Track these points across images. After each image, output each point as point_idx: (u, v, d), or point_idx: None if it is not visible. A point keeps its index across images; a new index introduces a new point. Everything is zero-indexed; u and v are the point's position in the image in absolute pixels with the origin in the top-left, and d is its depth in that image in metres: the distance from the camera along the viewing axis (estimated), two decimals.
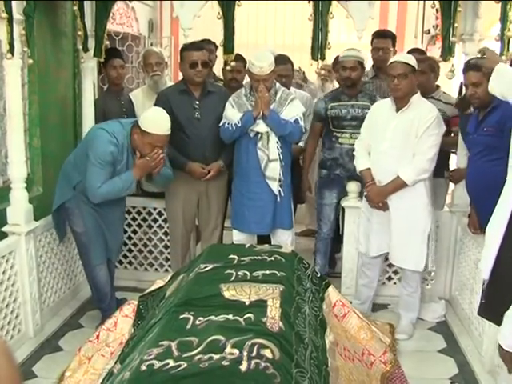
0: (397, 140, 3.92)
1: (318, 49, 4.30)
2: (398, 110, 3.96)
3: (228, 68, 4.55)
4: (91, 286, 4.20)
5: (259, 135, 4.18)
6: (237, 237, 4.44)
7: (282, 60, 4.78)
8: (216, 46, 4.66)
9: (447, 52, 4.25)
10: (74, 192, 3.92)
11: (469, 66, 3.80)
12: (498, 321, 2.58)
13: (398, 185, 3.93)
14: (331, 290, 3.56)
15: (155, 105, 4.35)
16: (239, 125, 4.14)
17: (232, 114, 4.20)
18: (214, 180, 4.41)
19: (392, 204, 4.02)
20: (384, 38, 5.18)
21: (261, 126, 4.16)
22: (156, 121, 3.83)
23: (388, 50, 5.02)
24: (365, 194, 4.17)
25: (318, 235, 4.89)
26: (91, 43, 4.48)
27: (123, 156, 3.83)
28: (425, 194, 3.99)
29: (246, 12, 7.37)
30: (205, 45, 4.59)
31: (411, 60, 3.93)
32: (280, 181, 4.22)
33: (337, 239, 4.88)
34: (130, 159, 3.87)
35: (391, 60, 4.03)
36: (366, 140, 4.13)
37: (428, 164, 3.89)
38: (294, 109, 4.22)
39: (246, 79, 4.69)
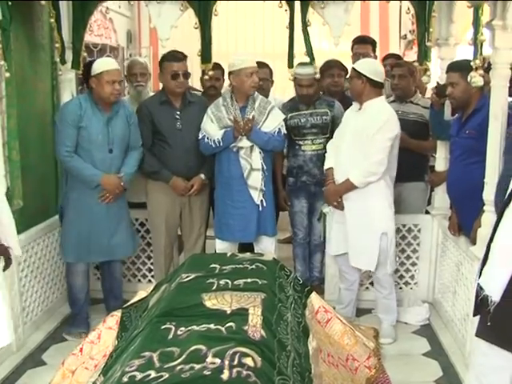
0: (352, 141, 4.00)
1: (294, 57, 4.34)
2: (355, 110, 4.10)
3: (209, 74, 4.56)
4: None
5: (243, 142, 4.20)
6: (219, 246, 4.44)
7: (259, 64, 4.78)
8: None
9: (423, 56, 4.31)
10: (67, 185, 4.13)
11: (448, 67, 3.92)
12: (507, 345, 2.54)
13: (349, 186, 4.00)
14: (314, 296, 3.57)
15: (137, 114, 4.36)
16: (221, 144, 4.18)
17: (211, 130, 4.22)
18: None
19: (347, 204, 4.08)
20: (364, 44, 5.23)
21: (243, 142, 4.19)
22: (102, 61, 4.14)
23: (368, 56, 5.06)
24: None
25: (294, 241, 4.91)
26: (69, 55, 4.47)
27: (88, 122, 4.00)
28: (381, 196, 4.01)
29: (224, 21, 7.43)
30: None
31: (360, 66, 4.00)
32: (262, 190, 4.24)
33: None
34: (97, 126, 4.02)
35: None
36: (335, 141, 4.22)
37: (375, 167, 3.92)
38: (274, 119, 4.26)
39: (225, 88, 4.72)
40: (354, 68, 4.05)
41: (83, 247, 4.14)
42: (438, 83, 4.28)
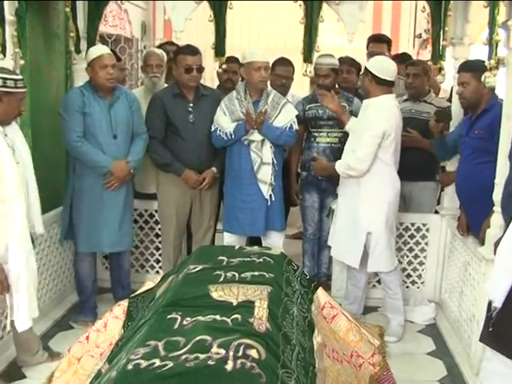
0: (350, 137, 4.14)
1: (309, 51, 4.35)
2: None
3: (223, 68, 4.57)
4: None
5: (254, 135, 4.21)
6: (228, 239, 4.46)
7: (283, 61, 4.84)
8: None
9: (438, 56, 4.30)
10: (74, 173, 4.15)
11: (460, 66, 3.90)
12: (506, 352, 2.56)
13: (333, 169, 4.10)
14: (320, 291, 3.57)
15: (149, 107, 4.39)
16: (232, 137, 4.20)
17: (224, 122, 4.24)
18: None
19: (340, 199, 4.18)
20: (379, 43, 5.22)
21: (255, 135, 4.21)
22: (93, 49, 4.18)
23: (383, 55, 5.05)
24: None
25: (304, 237, 4.93)
26: (83, 45, 4.51)
27: (91, 108, 4.05)
28: (371, 196, 4.01)
29: (238, 15, 7.44)
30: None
31: (369, 63, 4.04)
32: (271, 185, 4.25)
33: None
34: (100, 112, 4.07)
35: None
36: None
37: (355, 162, 3.95)
38: (287, 114, 4.27)
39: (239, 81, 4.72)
40: (365, 66, 4.08)
41: (95, 237, 4.17)
42: (437, 109, 4.31)
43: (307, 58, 4.42)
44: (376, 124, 3.92)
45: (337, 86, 4.72)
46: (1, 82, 3.11)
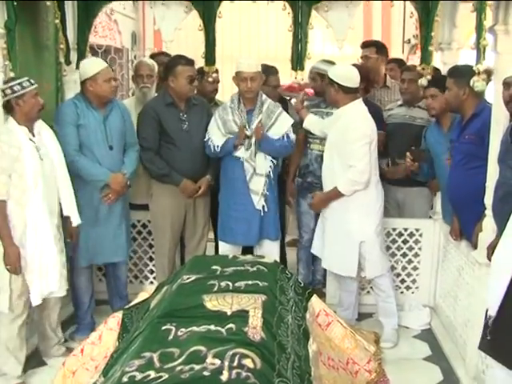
0: (330, 149, 4.13)
1: (298, 59, 4.36)
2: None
3: (210, 80, 4.60)
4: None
5: (247, 147, 4.21)
6: (222, 248, 4.45)
7: (270, 70, 4.80)
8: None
9: (425, 60, 4.32)
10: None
11: (447, 72, 3.97)
12: (504, 360, 2.57)
13: (337, 194, 4.06)
14: (314, 299, 3.58)
15: (141, 116, 4.38)
16: (218, 150, 4.24)
17: (214, 134, 4.27)
18: None
19: (328, 211, 4.17)
20: (367, 47, 5.24)
21: (241, 152, 4.22)
22: (92, 62, 4.21)
23: (368, 58, 5.08)
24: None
25: (299, 244, 4.94)
26: (74, 56, 4.53)
27: (86, 120, 4.04)
28: (360, 205, 4.04)
29: (228, 24, 7.44)
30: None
31: (332, 73, 4.08)
32: (264, 195, 4.25)
33: None
34: (95, 124, 4.06)
35: None
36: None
37: (359, 176, 3.97)
38: (283, 123, 4.27)
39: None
40: (327, 75, 4.12)
41: (93, 249, 4.16)
42: (412, 148, 4.35)
43: (296, 66, 4.43)
44: (360, 132, 3.96)
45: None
46: (9, 91, 3.50)
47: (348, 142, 3.94)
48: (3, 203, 3.45)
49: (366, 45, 5.30)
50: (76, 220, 3.83)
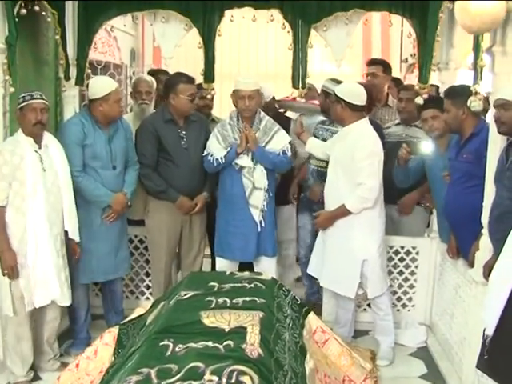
0: (335, 166, 4.11)
1: (298, 77, 4.39)
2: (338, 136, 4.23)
3: (209, 97, 4.66)
4: None
5: (246, 161, 4.23)
6: (220, 264, 4.45)
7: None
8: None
9: (423, 79, 4.36)
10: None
11: (444, 93, 3.97)
12: (500, 379, 2.57)
13: (344, 212, 4.03)
14: (311, 316, 3.57)
15: (140, 132, 4.38)
16: (223, 161, 4.22)
17: (215, 148, 4.26)
18: None
19: (329, 229, 4.14)
20: (374, 65, 5.25)
21: (244, 161, 4.23)
22: (103, 82, 4.21)
23: (376, 75, 5.09)
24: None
25: (299, 259, 4.99)
26: (73, 72, 4.55)
27: (92, 140, 4.04)
28: (363, 223, 4.02)
29: (228, 41, 7.49)
30: None
31: (338, 90, 4.08)
32: (262, 210, 4.26)
33: None
34: (100, 144, 4.07)
35: None
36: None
37: (368, 193, 3.95)
38: (280, 140, 4.29)
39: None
40: (334, 93, 4.13)
41: (94, 267, 4.16)
42: (405, 143, 4.37)
43: (297, 84, 4.46)
44: (369, 150, 3.96)
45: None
46: (21, 99, 3.61)
47: (356, 159, 3.93)
48: (1, 209, 3.52)
49: (372, 62, 5.31)
50: (74, 235, 3.85)
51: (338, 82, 4.49)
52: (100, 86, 4.09)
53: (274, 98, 4.91)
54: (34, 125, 3.61)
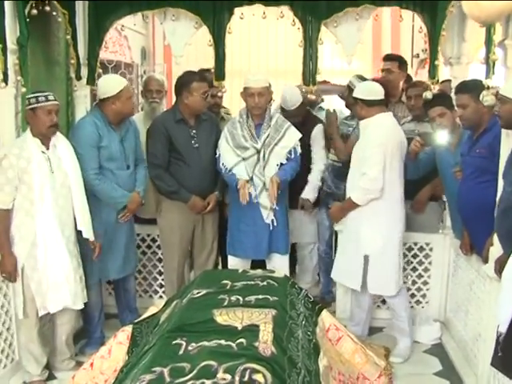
0: (353, 161, 4.13)
1: (309, 74, 4.37)
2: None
3: (219, 94, 4.66)
4: None
5: (256, 159, 4.21)
6: (232, 262, 4.46)
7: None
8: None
9: (433, 74, 4.32)
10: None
11: (457, 88, 3.88)
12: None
13: (351, 204, 4.05)
14: (325, 313, 3.56)
15: (151, 132, 4.37)
16: (228, 172, 4.25)
17: (224, 150, 4.27)
18: None
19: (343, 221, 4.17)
20: (389, 61, 5.21)
21: (244, 173, 4.23)
22: (114, 80, 4.20)
23: (391, 71, 5.05)
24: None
25: (318, 254, 5.02)
26: (84, 71, 4.56)
27: (107, 141, 4.04)
28: (372, 218, 4.00)
29: (238, 39, 7.49)
30: None
31: (355, 92, 4.09)
32: (273, 209, 4.24)
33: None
34: (115, 144, 4.08)
35: None
36: None
37: (369, 183, 3.93)
38: (291, 137, 4.29)
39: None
40: (352, 96, 4.15)
41: (105, 265, 4.17)
42: (419, 135, 4.35)
43: (308, 81, 4.44)
44: (375, 139, 3.94)
45: None
46: (27, 101, 3.59)
47: (364, 149, 3.96)
48: (6, 212, 3.53)
49: (388, 58, 5.28)
50: (88, 235, 3.83)
51: (364, 79, 4.48)
52: (111, 84, 4.09)
53: (302, 102, 4.79)
54: (48, 127, 3.60)
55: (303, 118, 4.76)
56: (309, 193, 4.75)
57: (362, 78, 4.54)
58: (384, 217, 4.03)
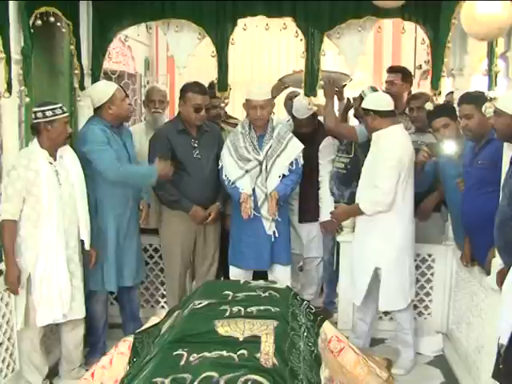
0: (364, 172, 4.11)
1: (312, 85, 4.38)
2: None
3: (222, 105, 4.67)
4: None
5: (259, 170, 4.21)
6: (234, 272, 4.44)
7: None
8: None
9: (436, 85, 4.33)
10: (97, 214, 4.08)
11: (461, 99, 3.88)
12: None
13: (356, 210, 4.05)
14: (327, 325, 3.55)
15: (153, 142, 4.38)
16: (231, 185, 4.24)
17: (227, 163, 4.26)
18: None
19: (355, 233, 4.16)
20: (393, 72, 5.22)
21: (254, 168, 4.22)
22: (105, 85, 4.24)
23: (393, 84, 5.06)
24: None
25: (323, 263, 4.99)
26: (88, 81, 4.57)
27: (115, 146, 4.06)
28: (381, 230, 3.98)
29: (241, 50, 7.51)
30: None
31: (365, 104, 4.05)
32: (275, 220, 4.23)
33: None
34: (120, 148, 4.12)
35: None
36: None
37: (380, 196, 3.92)
38: (293, 149, 4.28)
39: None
40: (363, 108, 4.09)
41: (119, 273, 4.18)
42: (426, 145, 4.32)
43: (309, 92, 4.44)
44: (391, 153, 3.92)
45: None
46: (41, 114, 3.60)
47: (378, 161, 3.93)
48: (13, 223, 3.53)
49: (392, 70, 5.28)
50: (87, 245, 3.85)
51: (375, 90, 4.46)
52: (102, 89, 4.14)
53: (314, 113, 4.77)
54: (66, 138, 3.69)
55: (314, 128, 4.76)
56: (326, 212, 4.62)
57: (375, 89, 4.53)
58: (398, 229, 4.00)
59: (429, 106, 4.28)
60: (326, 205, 4.69)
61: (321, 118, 4.79)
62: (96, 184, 4.03)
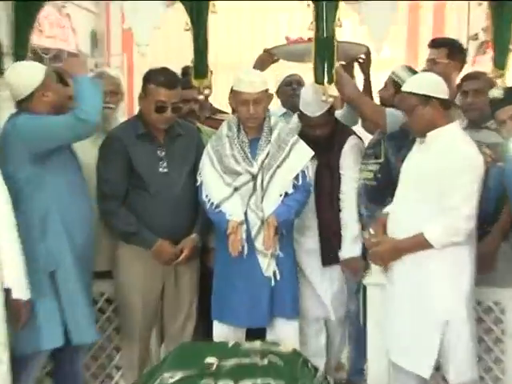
0: (412, 186, 4.03)
1: (323, 68, 4.37)
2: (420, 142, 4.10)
3: (201, 97, 4.64)
4: None
5: (252, 187, 4.24)
6: (219, 331, 4.45)
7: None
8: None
9: (500, 63, 4.35)
10: None
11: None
12: None
13: (421, 244, 3.93)
14: None
15: (103, 150, 4.40)
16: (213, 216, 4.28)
17: (211, 180, 4.28)
18: None
19: (396, 271, 4.05)
20: (435, 48, 5.23)
21: (246, 185, 4.25)
22: (30, 67, 4.18)
23: (435, 62, 5.04)
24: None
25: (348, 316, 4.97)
26: (9, 64, 4.55)
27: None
28: (446, 261, 3.93)
29: (225, 21, 7.55)
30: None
31: (417, 87, 3.99)
32: (275, 256, 4.26)
33: None
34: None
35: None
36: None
37: (463, 223, 3.87)
38: (300, 156, 4.32)
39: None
40: (411, 93, 4.01)
41: (76, 326, 4.08)
42: (488, 145, 4.33)
43: (322, 78, 4.44)
44: (468, 163, 3.88)
45: None
46: None
47: (448, 174, 3.86)
48: None
49: (435, 44, 5.31)
50: (19, 292, 3.75)
51: (414, 72, 4.50)
52: (30, 73, 4.11)
53: (331, 107, 4.76)
54: None
55: (332, 129, 4.76)
56: (350, 246, 4.65)
57: (412, 71, 4.54)
58: (466, 263, 3.98)
59: (497, 92, 4.27)
60: (351, 233, 4.68)
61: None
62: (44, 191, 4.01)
